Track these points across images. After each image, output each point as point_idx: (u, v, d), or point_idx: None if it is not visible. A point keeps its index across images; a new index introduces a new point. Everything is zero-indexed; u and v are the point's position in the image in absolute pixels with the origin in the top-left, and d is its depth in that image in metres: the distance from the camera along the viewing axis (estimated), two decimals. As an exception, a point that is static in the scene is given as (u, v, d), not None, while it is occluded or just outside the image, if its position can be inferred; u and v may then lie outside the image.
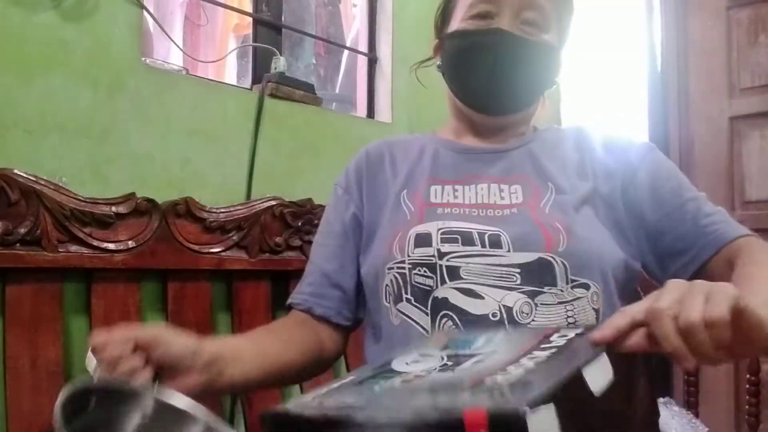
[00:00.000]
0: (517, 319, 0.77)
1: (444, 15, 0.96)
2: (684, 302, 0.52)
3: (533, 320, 0.77)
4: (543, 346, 0.54)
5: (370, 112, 1.81)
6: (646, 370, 0.55)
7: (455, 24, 0.91)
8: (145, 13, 1.30)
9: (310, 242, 1.34)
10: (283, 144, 1.45)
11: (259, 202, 1.31)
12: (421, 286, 0.82)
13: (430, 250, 0.82)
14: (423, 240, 0.84)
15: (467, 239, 0.82)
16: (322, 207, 1.30)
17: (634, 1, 2.82)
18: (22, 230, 1.00)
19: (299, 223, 1.35)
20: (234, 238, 1.25)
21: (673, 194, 0.87)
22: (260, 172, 1.38)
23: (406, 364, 0.56)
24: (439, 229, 0.84)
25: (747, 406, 1.48)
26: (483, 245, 0.81)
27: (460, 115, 0.96)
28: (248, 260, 1.27)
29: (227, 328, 1.28)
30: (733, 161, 2.57)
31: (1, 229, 0.97)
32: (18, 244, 0.99)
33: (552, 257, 0.79)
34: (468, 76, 0.89)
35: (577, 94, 2.54)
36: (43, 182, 1.02)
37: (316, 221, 1.34)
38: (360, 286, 0.94)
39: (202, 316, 1.21)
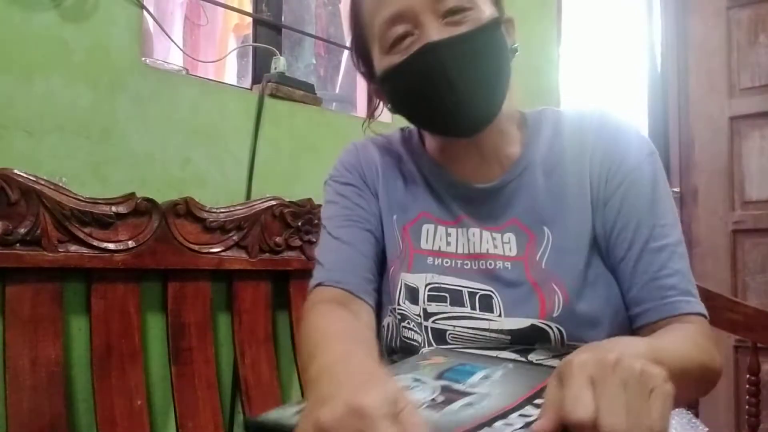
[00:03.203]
0: None
1: (360, 54, 0.83)
2: (609, 410, 0.46)
3: None
4: (536, 402, 0.52)
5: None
6: None
7: (378, 62, 0.78)
8: (145, 13, 1.29)
9: (310, 242, 1.35)
10: (283, 144, 1.45)
11: (259, 202, 1.31)
12: (409, 341, 0.79)
13: (416, 309, 0.78)
14: (411, 294, 0.79)
15: (456, 299, 0.76)
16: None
17: (634, 1, 2.82)
18: (22, 230, 1.00)
19: (299, 223, 1.35)
20: (234, 238, 1.25)
21: (640, 239, 0.76)
22: (260, 171, 1.38)
23: None
24: (427, 284, 0.78)
25: (747, 406, 1.48)
26: (473, 307, 0.76)
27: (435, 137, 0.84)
28: (248, 260, 1.27)
29: (227, 328, 1.28)
30: (733, 161, 2.58)
31: (1, 229, 0.97)
32: (18, 244, 1.00)
33: (547, 324, 0.73)
34: (427, 109, 0.76)
35: (577, 94, 2.54)
36: (43, 182, 1.02)
37: (316, 221, 1.34)
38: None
39: (202, 316, 1.21)
